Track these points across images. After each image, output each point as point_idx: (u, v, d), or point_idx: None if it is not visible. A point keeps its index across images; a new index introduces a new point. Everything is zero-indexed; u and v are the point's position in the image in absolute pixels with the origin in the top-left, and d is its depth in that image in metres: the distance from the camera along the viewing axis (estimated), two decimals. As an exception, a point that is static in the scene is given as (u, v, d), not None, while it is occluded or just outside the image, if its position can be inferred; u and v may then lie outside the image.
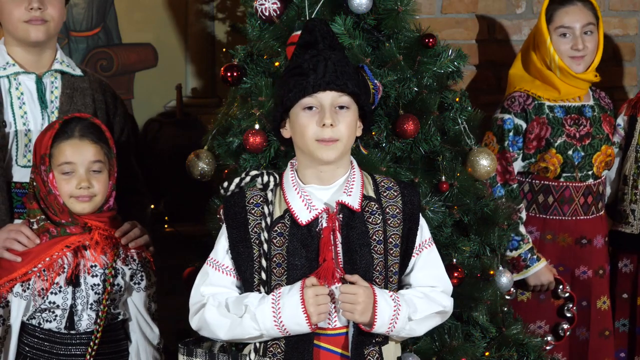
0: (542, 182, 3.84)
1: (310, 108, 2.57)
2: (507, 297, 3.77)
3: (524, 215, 3.80)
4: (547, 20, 3.83)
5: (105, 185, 3.06)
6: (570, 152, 3.80)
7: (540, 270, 3.78)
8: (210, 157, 3.33)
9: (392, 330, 2.59)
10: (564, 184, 3.83)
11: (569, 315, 3.86)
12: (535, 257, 3.76)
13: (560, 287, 3.84)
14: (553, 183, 3.83)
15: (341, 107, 2.57)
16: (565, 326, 3.85)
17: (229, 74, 3.28)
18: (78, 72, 3.40)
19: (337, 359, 2.60)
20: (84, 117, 3.10)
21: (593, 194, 3.87)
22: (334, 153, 2.57)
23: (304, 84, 2.55)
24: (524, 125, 3.80)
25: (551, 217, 3.85)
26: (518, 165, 3.84)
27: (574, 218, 3.86)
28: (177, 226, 4.13)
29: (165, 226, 4.17)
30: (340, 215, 2.60)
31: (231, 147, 3.28)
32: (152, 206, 3.77)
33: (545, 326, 3.85)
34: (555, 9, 3.83)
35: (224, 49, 4.22)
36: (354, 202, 2.60)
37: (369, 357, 2.61)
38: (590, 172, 3.85)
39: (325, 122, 2.54)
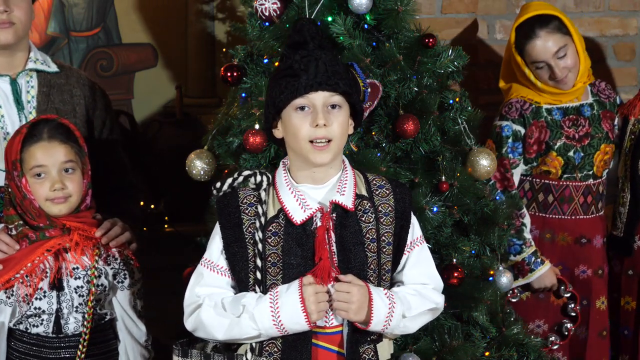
0: (543, 180, 3.84)
1: (302, 108, 2.58)
2: (512, 300, 3.77)
3: (527, 221, 3.79)
4: (520, 54, 3.80)
5: (80, 184, 3.04)
6: (570, 154, 3.80)
7: (544, 274, 3.78)
8: (210, 157, 3.33)
9: (387, 328, 2.60)
10: (564, 183, 3.83)
11: (572, 314, 3.86)
12: (539, 260, 3.76)
13: (562, 287, 3.84)
14: (553, 182, 3.83)
15: (333, 107, 2.58)
16: (569, 325, 3.85)
17: (229, 74, 3.28)
18: (54, 68, 3.37)
19: (334, 357, 2.60)
20: (51, 119, 3.08)
21: (593, 193, 3.87)
22: (328, 156, 2.58)
23: (295, 85, 2.56)
24: (523, 131, 3.79)
25: (551, 215, 3.85)
26: (520, 170, 3.83)
27: (573, 217, 3.86)
28: (177, 226, 4.13)
29: (165, 226, 4.17)
30: (334, 215, 2.60)
31: (231, 147, 3.28)
32: (152, 206, 3.77)
33: (544, 325, 3.85)
34: (523, 45, 3.78)
35: (224, 49, 4.22)
36: (347, 201, 2.61)
37: (364, 355, 2.61)
38: (590, 172, 3.85)
39: (319, 122, 2.55)
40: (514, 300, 3.80)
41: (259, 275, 2.60)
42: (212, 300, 2.62)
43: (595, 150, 3.84)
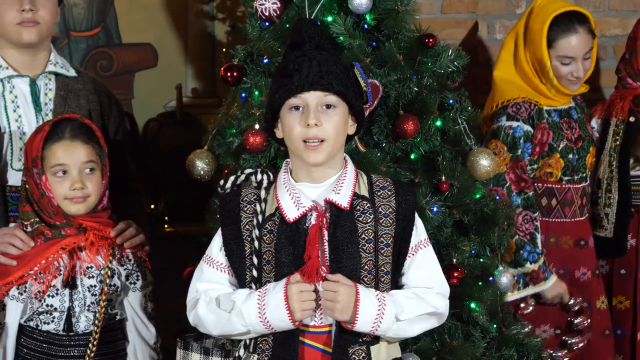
0: (545, 185, 3.81)
1: (297, 108, 2.58)
2: (525, 312, 3.74)
3: (538, 224, 3.76)
4: (548, 43, 3.74)
5: (99, 185, 3.05)
6: (570, 156, 3.79)
7: (556, 282, 3.75)
8: (210, 157, 3.33)
9: (377, 330, 2.56)
10: (566, 186, 3.82)
11: (578, 328, 3.84)
12: (549, 269, 3.74)
13: (572, 300, 3.82)
14: (556, 185, 3.81)
15: (328, 107, 2.58)
16: (574, 340, 3.83)
17: (229, 74, 3.28)
18: (72, 73, 3.39)
19: (318, 355, 2.59)
20: (73, 118, 3.08)
21: (586, 195, 3.88)
22: (322, 155, 2.58)
23: (288, 85, 2.56)
24: (532, 131, 3.75)
25: (554, 219, 3.83)
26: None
27: (573, 220, 3.85)
28: (177, 226, 4.14)
29: (165, 226, 4.17)
30: (329, 214, 2.60)
31: (231, 147, 3.28)
32: (152, 206, 3.76)
33: (550, 330, 3.83)
34: (557, 36, 3.74)
35: (224, 49, 4.23)
36: (343, 200, 2.60)
37: (354, 356, 2.58)
38: (584, 175, 3.85)
39: (310, 122, 2.55)
40: (527, 312, 3.76)
41: (255, 272, 2.61)
42: (207, 295, 2.64)
43: (587, 153, 3.84)
